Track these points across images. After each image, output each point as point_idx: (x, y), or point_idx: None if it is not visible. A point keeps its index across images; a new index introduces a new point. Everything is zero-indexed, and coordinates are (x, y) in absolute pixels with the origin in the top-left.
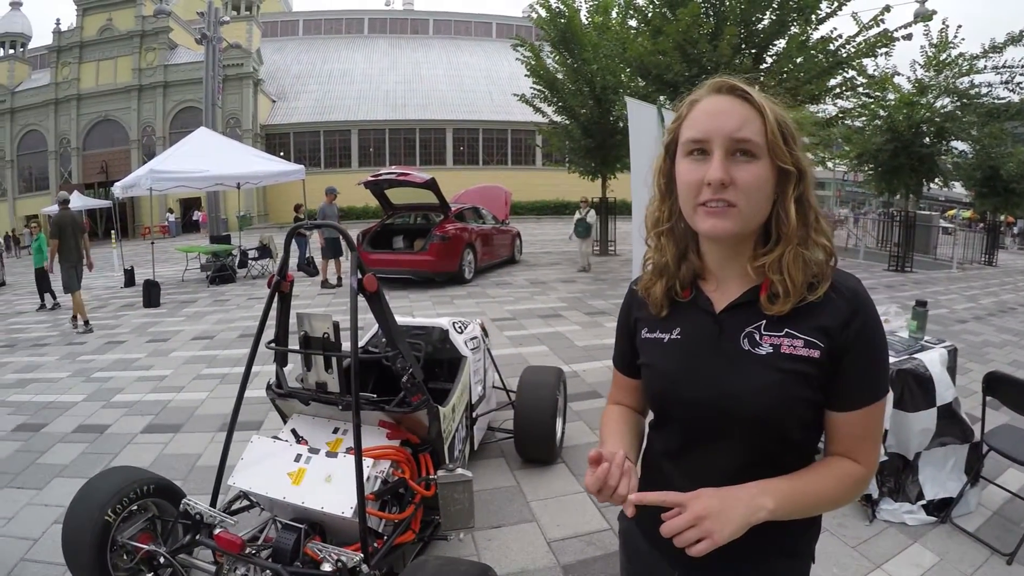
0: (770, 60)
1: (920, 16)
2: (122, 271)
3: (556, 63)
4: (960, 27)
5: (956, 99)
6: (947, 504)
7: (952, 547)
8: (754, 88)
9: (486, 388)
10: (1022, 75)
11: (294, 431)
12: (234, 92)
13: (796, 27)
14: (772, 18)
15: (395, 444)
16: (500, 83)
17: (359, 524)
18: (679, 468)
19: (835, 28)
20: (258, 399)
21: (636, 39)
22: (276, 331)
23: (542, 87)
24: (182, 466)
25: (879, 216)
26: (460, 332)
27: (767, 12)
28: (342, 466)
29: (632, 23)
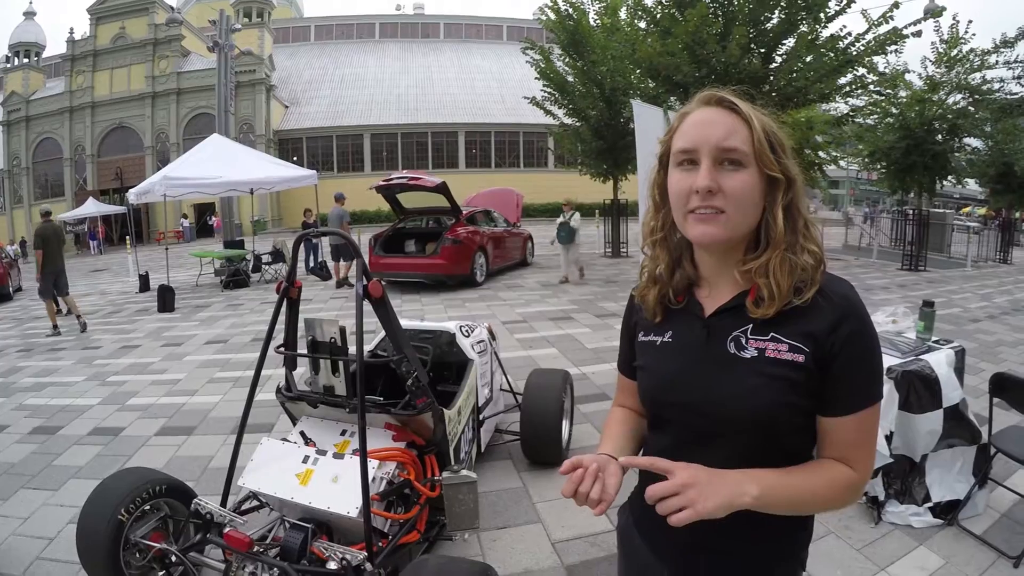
0: (779, 59)
1: (929, 12)
2: (137, 276)
3: (566, 65)
4: (971, 22)
5: (968, 95)
6: (954, 506)
7: (958, 550)
8: (743, 100)
9: (493, 391)
10: None
11: (303, 433)
12: (247, 98)
13: (805, 26)
14: (781, 17)
15: (401, 446)
16: (511, 86)
17: (364, 523)
18: None
19: (844, 26)
20: (271, 402)
21: (645, 40)
22: (285, 336)
23: (552, 89)
24: (195, 467)
25: (892, 215)
26: (467, 336)
27: (776, 11)
28: (348, 467)
29: (641, 24)
